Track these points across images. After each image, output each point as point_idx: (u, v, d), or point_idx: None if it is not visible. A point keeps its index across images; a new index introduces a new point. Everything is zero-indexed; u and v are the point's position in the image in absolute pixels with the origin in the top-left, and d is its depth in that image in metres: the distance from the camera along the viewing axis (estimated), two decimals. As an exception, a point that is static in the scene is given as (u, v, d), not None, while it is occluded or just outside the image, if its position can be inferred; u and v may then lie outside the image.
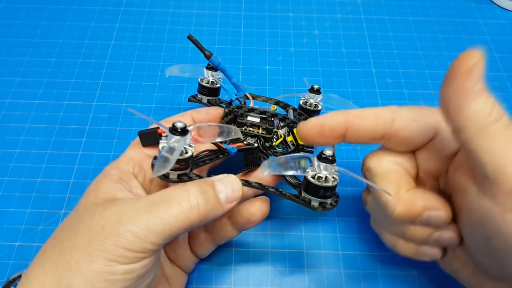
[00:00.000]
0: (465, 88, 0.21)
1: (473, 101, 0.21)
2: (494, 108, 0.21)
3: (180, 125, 0.25)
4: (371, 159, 0.30)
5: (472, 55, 0.21)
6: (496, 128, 0.21)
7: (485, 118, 0.21)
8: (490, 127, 0.21)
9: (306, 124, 0.28)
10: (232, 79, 0.34)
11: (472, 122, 0.21)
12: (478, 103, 0.21)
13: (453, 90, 0.22)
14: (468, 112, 0.21)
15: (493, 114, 0.21)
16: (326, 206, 0.27)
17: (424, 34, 0.52)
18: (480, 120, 0.21)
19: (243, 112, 0.32)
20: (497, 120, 0.21)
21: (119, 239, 0.22)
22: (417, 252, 0.29)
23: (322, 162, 0.26)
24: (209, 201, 0.25)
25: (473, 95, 0.21)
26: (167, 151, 0.24)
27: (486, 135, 0.21)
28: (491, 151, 0.21)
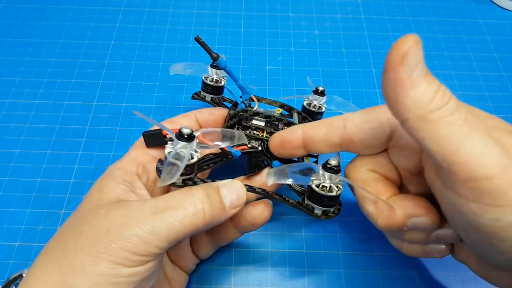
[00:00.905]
0: (399, 77, 0.20)
1: (410, 90, 0.20)
2: (437, 94, 0.20)
3: (187, 131, 0.24)
4: (348, 171, 0.29)
5: (404, 41, 0.20)
6: (438, 116, 0.19)
7: (425, 106, 0.20)
8: (432, 115, 0.20)
9: (271, 139, 0.30)
10: (238, 81, 0.33)
11: (412, 112, 0.20)
12: (416, 92, 0.20)
13: (389, 80, 0.20)
14: (406, 102, 0.20)
15: (435, 101, 0.20)
16: (329, 214, 0.28)
17: (424, 34, 0.52)
18: (420, 109, 0.20)
19: (248, 115, 0.32)
20: (440, 107, 0.20)
21: (124, 242, 0.22)
22: (424, 252, 0.28)
23: (327, 171, 0.26)
24: (214, 206, 0.25)
25: (409, 84, 0.20)
26: (173, 157, 0.24)
27: (429, 124, 0.20)
28: (437, 141, 0.20)
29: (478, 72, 0.49)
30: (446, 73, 0.48)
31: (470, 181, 0.19)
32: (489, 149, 0.19)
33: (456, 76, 0.48)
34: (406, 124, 0.21)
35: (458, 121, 0.19)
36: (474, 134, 0.19)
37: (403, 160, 0.27)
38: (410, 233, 0.27)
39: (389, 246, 0.35)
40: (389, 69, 0.20)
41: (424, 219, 0.25)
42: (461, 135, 0.19)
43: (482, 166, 0.19)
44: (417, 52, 0.20)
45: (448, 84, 0.48)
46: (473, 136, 0.19)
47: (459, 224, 0.23)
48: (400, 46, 0.20)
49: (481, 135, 0.19)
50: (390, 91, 0.21)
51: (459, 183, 0.20)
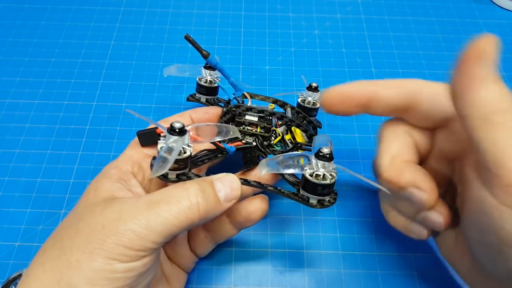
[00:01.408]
0: (472, 72, 0.20)
1: (479, 87, 0.20)
2: (504, 98, 0.20)
3: (178, 125, 0.25)
4: (387, 123, 0.29)
5: (487, 40, 0.20)
6: (502, 119, 0.20)
7: (491, 107, 0.20)
8: (495, 117, 0.20)
9: (329, 91, 0.27)
10: (230, 79, 0.34)
11: (476, 110, 0.20)
12: (485, 90, 0.20)
13: (461, 73, 0.20)
14: (472, 99, 0.20)
15: (501, 104, 0.20)
16: (324, 203, 0.27)
17: (424, 34, 0.53)
18: (485, 109, 0.20)
19: (241, 111, 0.32)
20: (505, 111, 0.20)
21: (119, 238, 0.22)
22: (405, 227, 0.29)
23: (320, 160, 0.26)
24: (208, 200, 0.25)
25: (479, 81, 0.20)
26: (165, 151, 0.24)
27: (490, 126, 0.20)
28: (493, 143, 0.20)
29: (478, 72, 0.49)
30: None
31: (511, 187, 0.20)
32: None
33: (456, 76, 0.48)
34: (465, 120, 0.21)
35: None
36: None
37: (448, 144, 0.27)
38: (403, 203, 0.27)
39: (389, 246, 0.35)
40: (464, 62, 0.20)
41: (422, 194, 0.25)
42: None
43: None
44: (495, 52, 0.20)
45: (448, 84, 0.48)
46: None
47: (478, 222, 0.23)
48: (481, 42, 0.20)
49: None
50: (458, 84, 0.21)
51: (500, 186, 0.20)
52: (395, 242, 0.35)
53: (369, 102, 0.27)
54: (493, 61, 0.20)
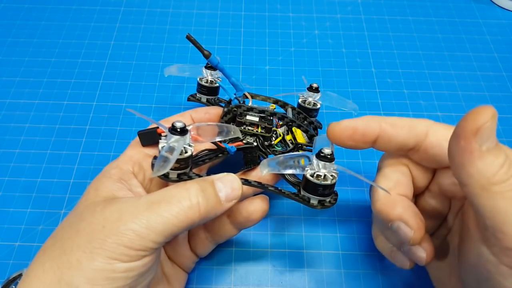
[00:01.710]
0: (470, 147, 0.21)
1: (477, 160, 0.21)
2: (502, 168, 0.21)
3: (179, 125, 0.25)
4: (390, 155, 0.30)
5: (482, 113, 0.20)
6: (500, 189, 0.20)
7: (490, 178, 0.21)
8: (494, 188, 0.21)
9: (339, 125, 0.27)
10: (231, 79, 0.34)
11: (475, 181, 0.21)
12: (483, 163, 0.20)
13: (459, 147, 0.21)
14: (471, 171, 0.21)
15: (499, 174, 0.21)
16: (325, 204, 0.27)
17: (424, 34, 0.53)
18: (483, 180, 0.21)
19: (242, 111, 0.32)
20: (503, 181, 0.21)
21: (120, 237, 0.22)
22: (390, 254, 0.30)
23: (321, 160, 0.26)
24: (209, 200, 0.25)
25: (478, 154, 0.20)
26: (166, 151, 0.24)
27: (489, 195, 0.21)
28: (492, 210, 0.21)
29: (478, 72, 0.49)
30: (446, 73, 0.48)
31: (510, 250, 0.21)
32: None
33: (456, 76, 0.48)
34: (466, 188, 0.22)
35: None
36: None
37: (448, 184, 0.28)
38: (391, 232, 0.28)
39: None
40: (461, 137, 0.21)
41: (408, 231, 0.26)
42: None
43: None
44: (493, 126, 0.20)
45: (448, 84, 0.48)
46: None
47: (476, 274, 0.24)
48: (477, 117, 0.20)
49: None
50: (457, 156, 0.21)
51: (499, 248, 0.21)
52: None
53: (378, 139, 0.27)
54: (492, 132, 0.20)
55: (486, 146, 0.20)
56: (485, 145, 0.20)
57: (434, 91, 0.47)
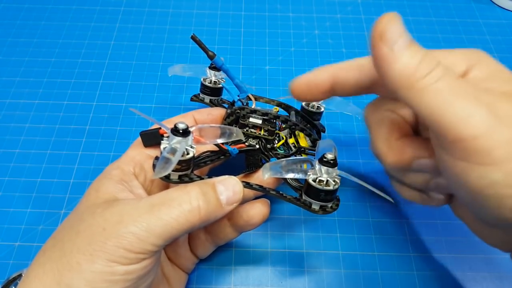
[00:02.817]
0: (381, 53, 0.21)
1: (393, 63, 0.21)
2: (422, 64, 0.21)
3: (182, 126, 0.24)
4: (367, 108, 0.29)
5: (381, 18, 0.21)
6: (424, 84, 0.21)
7: (410, 76, 0.21)
8: (418, 84, 0.21)
9: (294, 83, 0.28)
10: (235, 80, 0.34)
11: (399, 83, 0.21)
12: (400, 64, 0.21)
13: (374, 58, 0.21)
14: (392, 74, 0.21)
15: (419, 70, 0.21)
16: (327, 209, 0.27)
17: (424, 34, 0.52)
18: (406, 79, 0.21)
19: (245, 113, 0.32)
20: (425, 74, 0.21)
21: (119, 240, 0.22)
22: (422, 198, 0.29)
23: (324, 165, 0.26)
24: (210, 203, 0.25)
25: (392, 58, 0.21)
26: (168, 152, 0.24)
27: (416, 93, 0.21)
28: (425, 106, 0.21)
29: (478, 72, 0.49)
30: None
31: (457, 141, 0.20)
32: (474, 112, 0.20)
33: (456, 76, 0.48)
34: (397, 94, 0.22)
35: (444, 88, 0.20)
36: (460, 99, 0.20)
37: None
38: (412, 176, 0.28)
39: (389, 246, 0.35)
40: (372, 47, 0.21)
41: (428, 161, 0.26)
42: (446, 101, 0.20)
43: (467, 127, 0.20)
44: (395, 26, 0.21)
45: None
46: (459, 101, 0.20)
47: (451, 181, 0.24)
48: (378, 24, 0.21)
49: (467, 100, 0.20)
50: (377, 67, 0.22)
51: (448, 143, 0.21)
52: (395, 242, 0.35)
53: (333, 86, 0.27)
54: (398, 33, 0.21)
55: (397, 47, 0.21)
56: (396, 46, 0.21)
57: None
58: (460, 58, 0.25)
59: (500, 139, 0.20)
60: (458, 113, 0.20)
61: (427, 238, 0.36)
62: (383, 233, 0.36)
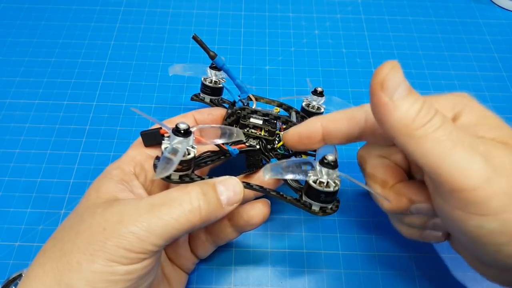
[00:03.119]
0: (382, 102, 0.21)
1: (393, 111, 0.21)
2: (421, 112, 0.21)
3: (183, 126, 0.24)
4: (360, 153, 0.31)
5: (382, 68, 0.21)
6: (422, 133, 0.21)
7: (409, 124, 0.21)
8: (416, 132, 0.21)
9: (287, 135, 0.29)
10: (236, 80, 0.34)
11: (398, 131, 0.21)
12: (399, 112, 0.21)
13: (374, 105, 0.22)
14: (391, 122, 0.22)
15: (418, 119, 0.21)
16: (327, 210, 0.27)
17: (424, 34, 0.52)
18: (405, 127, 0.21)
19: (246, 113, 0.32)
20: (423, 124, 0.21)
21: (120, 240, 0.22)
22: (422, 236, 0.30)
23: (324, 167, 0.26)
24: (210, 203, 0.25)
25: (392, 106, 0.21)
26: (169, 152, 0.24)
27: (414, 141, 0.21)
28: (423, 155, 0.21)
29: (478, 72, 0.49)
30: (446, 73, 0.48)
31: (455, 192, 0.21)
32: (472, 162, 0.20)
33: (456, 76, 0.48)
34: (395, 141, 0.22)
35: (442, 137, 0.21)
36: (458, 149, 0.21)
37: None
38: (411, 218, 0.28)
39: (389, 246, 0.35)
40: (372, 95, 0.22)
41: (425, 205, 0.26)
42: (444, 150, 0.21)
43: (465, 178, 0.20)
44: (396, 76, 0.21)
45: (448, 84, 0.48)
46: (457, 151, 0.21)
47: (449, 226, 0.24)
48: (378, 73, 0.21)
49: (465, 150, 0.21)
50: (376, 114, 0.22)
51: (446, 193, 0.22)
52: (395, 242, 0.35)
53: (324, 137, 0.28)
54: (398, 82, 0.21)
55: (396, 96, 0.21)
56: (396, 95, 0.21)
57: (434, 91, 0.47)
58: (448, 103, 0.26)
59: (497, 190, 0.20)
60: (457, 164, 0.20)
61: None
62: (383, 233, 0.36)
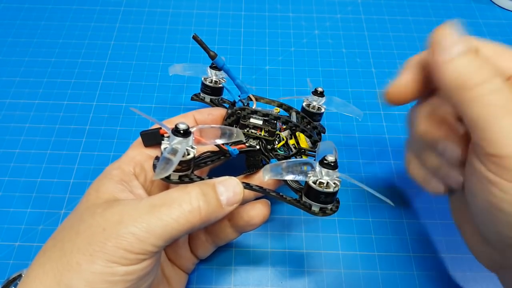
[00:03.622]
0: (439, 58, 0.22)
1: (449, 66, 0.22)
2: (480, 71, 0.21)
3: (182, 127, 0.24)
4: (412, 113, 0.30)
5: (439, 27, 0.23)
6: (477, 93, 0.21)
7: (466, 80, 0.21)
8: (472, 92, 0.21)
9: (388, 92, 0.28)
10: (236, 80, 0.33)
11: (453, 87, 0.22)
12: (455, 67, 0.21)
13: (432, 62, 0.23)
14: (447, 78, 0.22)
15: (476, 76, 0.21)
16: (327, 211, 0.27)
17: (424, 34, 0.52)
18: (461, 83, 0.21)
19: (246, 114, 0.32)
20: (479, 84, 0.21)
21: (119, 241, 0.22)
22: (425, 179, 0.30)
23: (324, 167, 0.26)
24: (210, 204, 0.25)
25: (449, 62, 0.22)
26: (169, 153, 0.24)
27: (467, 101, 0.21)
28: (473, 115, 0.21)
29: (478, 72, 0.49)
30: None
31: (494, 156, 0.21)
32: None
33: (456, 76, 0.48)
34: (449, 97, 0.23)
35: (496, 102, 0.21)
36: (508, 118, 0.21)
37: None
38: (430, 156, 0.28)
39: (389, 246, 0.35)
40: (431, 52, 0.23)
41: (456, 150, 0.26)
42: (494, 116, 0.21)
43: (506, 145, 0.21)
44: (451, 33, 0.22)
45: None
46: (506, 119, 0.21)
47: (472, 186, 0.24)
48: (439, 28, 0.23)
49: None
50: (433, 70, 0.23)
51: (484, 155, 0.22)
52: (395, 242, 0.36)
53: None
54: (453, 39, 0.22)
55: (455, 52, 0.22)
56: (454, 51, 0.22)
57: (434, 91, 0.47)
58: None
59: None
60: (503, 131, 0.21)
61: (427, 238, 0.36)
62: (383, 233, 0.36)
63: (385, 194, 0.27)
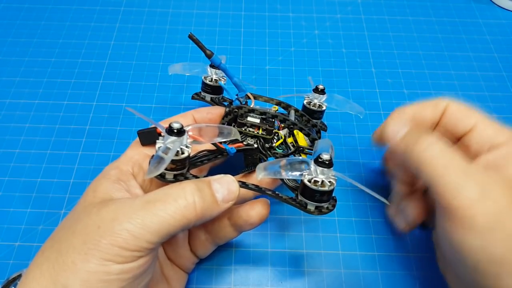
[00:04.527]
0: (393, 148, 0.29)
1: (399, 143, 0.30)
2: (416, 137, 0.28)
3: (176, 126, 0.24)
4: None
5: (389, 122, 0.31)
6: (417, 150, 0.27)
7: (409, 146, 0.27)
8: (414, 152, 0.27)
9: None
10: (234, 79, 0.33)
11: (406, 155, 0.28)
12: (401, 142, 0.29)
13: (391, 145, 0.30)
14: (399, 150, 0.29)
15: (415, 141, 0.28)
16: (323, 210, 0.27)
17: (424, 34, 0.52)
18: (408, 149, 0.28)
19: (243, 112, 0.32)
20: (418, 143, 0.27)
21: (114, 238, 0.22)
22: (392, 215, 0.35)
23: (319, 166, 0.26)
24: (205, 200, 0.25)
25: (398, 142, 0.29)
26: (163, 151, 0.24)
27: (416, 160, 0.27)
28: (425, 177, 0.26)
29: (478, 72, 0.49)
30: (446, 73, 0.48)
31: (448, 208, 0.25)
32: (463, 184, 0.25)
33: (456, 76, 0.48)
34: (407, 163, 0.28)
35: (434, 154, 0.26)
36: (452, 171, 0.25)
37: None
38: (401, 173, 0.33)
39: (389, 246, 0.35)
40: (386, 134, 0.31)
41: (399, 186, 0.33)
42: (441, 173, 0.25)
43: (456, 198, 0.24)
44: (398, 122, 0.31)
45: (448, 84, 0.48)
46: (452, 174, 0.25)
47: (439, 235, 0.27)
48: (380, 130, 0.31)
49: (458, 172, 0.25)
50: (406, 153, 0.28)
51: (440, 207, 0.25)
52: (395, 242, 0.35)
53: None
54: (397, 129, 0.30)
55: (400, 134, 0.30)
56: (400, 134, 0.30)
57: (434, 91, 0.47)
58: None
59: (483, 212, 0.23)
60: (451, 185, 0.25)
61: (427, 238, 0.36)
62: (383, 233, 0.36)
63: (385, 195, 0.27)
